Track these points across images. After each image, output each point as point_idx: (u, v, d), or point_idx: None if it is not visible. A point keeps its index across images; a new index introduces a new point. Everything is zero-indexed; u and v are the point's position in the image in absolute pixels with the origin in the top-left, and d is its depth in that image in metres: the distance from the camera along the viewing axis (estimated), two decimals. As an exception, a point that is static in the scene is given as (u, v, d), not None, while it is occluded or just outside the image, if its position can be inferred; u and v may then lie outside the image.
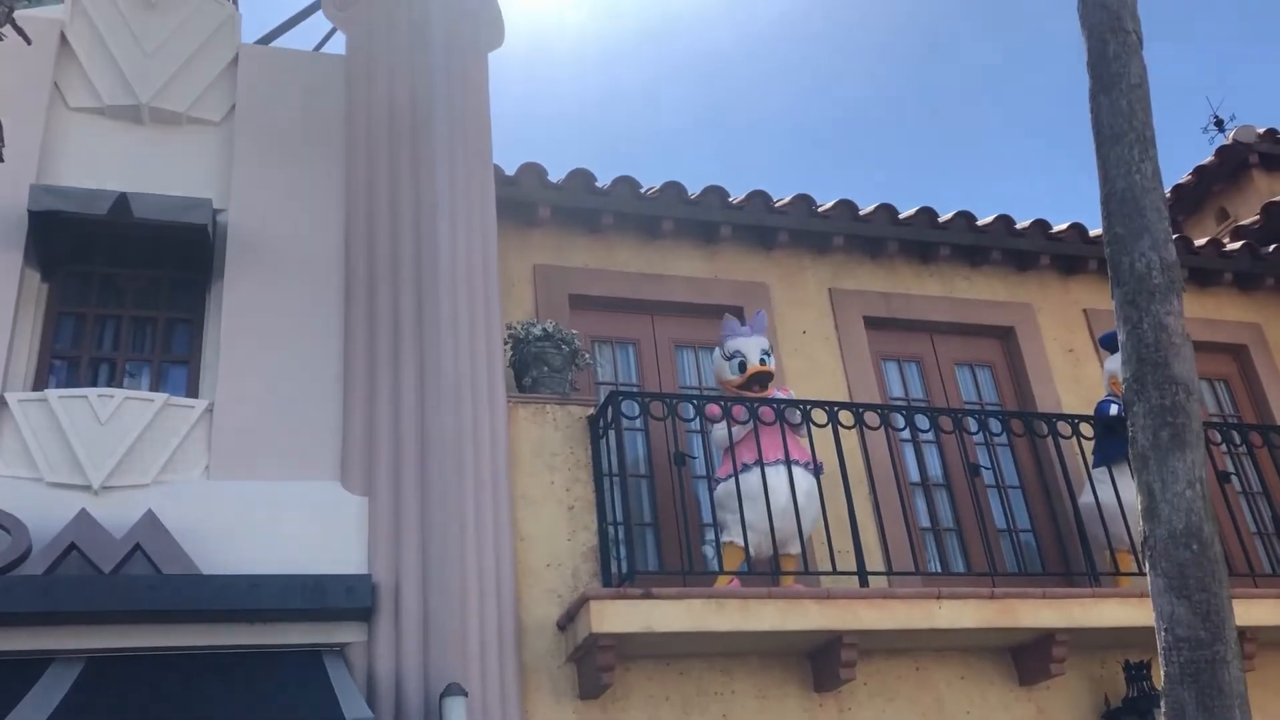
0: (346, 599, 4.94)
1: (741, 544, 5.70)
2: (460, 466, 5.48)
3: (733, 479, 5.82)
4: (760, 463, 5.79)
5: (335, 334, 5.74)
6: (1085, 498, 6.62)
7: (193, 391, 5.63)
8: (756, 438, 5.87)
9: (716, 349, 6.39)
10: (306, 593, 4.90)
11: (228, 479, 5.26)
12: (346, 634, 5.03)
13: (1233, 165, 9.76)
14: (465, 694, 4.68)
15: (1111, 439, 6.61)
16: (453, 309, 5.84)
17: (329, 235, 6.00)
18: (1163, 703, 3.69)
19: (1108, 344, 7.05)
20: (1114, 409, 6.65)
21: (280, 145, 6.19)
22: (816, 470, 5.96)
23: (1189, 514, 3.75)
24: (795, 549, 5.87)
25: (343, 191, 6.13)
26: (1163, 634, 3.72)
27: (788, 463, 5.85)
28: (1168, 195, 9.68)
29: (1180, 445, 3.83)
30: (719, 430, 6.00)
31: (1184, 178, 10.05)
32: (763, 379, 6.20)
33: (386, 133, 6.31)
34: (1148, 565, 3.83)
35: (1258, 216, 8.70)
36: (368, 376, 5.67)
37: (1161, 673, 3.72)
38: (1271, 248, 8.43)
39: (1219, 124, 11.05)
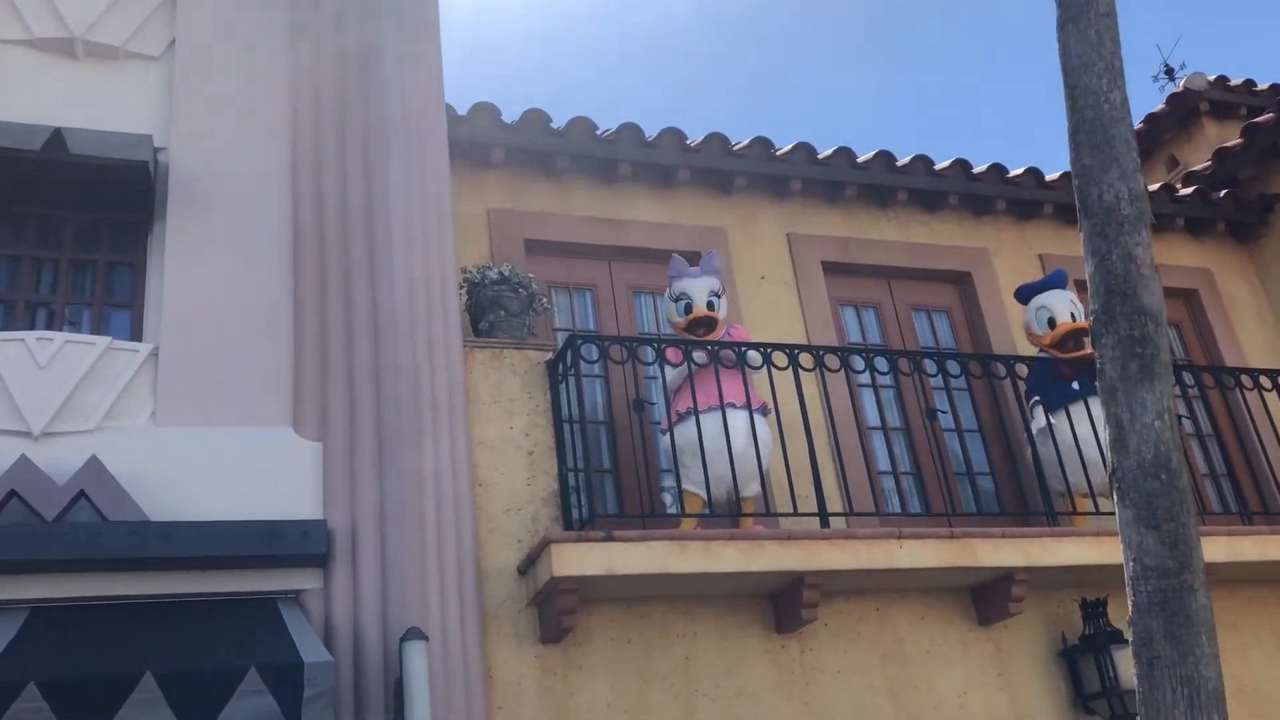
0: (301, 545, 4.81)
1: (700, 491, 5.66)
2: (417, 412, 5.36)
3: (684, 424, 5.75)
4: (722, 406, 5.72)
5: (284, 276, 5.56)
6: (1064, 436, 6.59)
7: (136, 336, 5.43)
8: (717, 380, 5.81)
9: (667, 289, 6.29)
10: (259, 539, 4.77)
11: (175, 425, 5.09)
12: (302, 581, 4.91)
13: (1183, 113, 9.83)
14: (425, 638, 4.60)
15: (1048, 384, 6.65)
16: (406, 252, 5.69)
17: (276, 176, 5.79)
18: (1130, 631, 3.70)
19: (1023, 296, 7.04)
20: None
21: (223, 81, 5.95)
22: (763, 411, 5.91)
23: (1158, 444, 3.74)
24: (755, 490, 5.84)
25: (290, 131, 5.92)
26: (1131, 563, 3.73)
27: (749, 408, 5.80)
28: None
29: (1149, 376, 3.82)
30: (669, 373, 5.92)
31: (1135, 125, 10.08)
32: (707, 323, 6.09)
33: (335, 70, 6.10)
34: (1115, 496, 3.83)
35: (1209, 162, 8.75)
36: (319, 320, 5.51)
37: (1129, 602, 3.73)
38: (1223, 193, 8.49)
39: (1169, 72, 11.08)
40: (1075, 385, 6.57)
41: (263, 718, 3.87)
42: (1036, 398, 6.69)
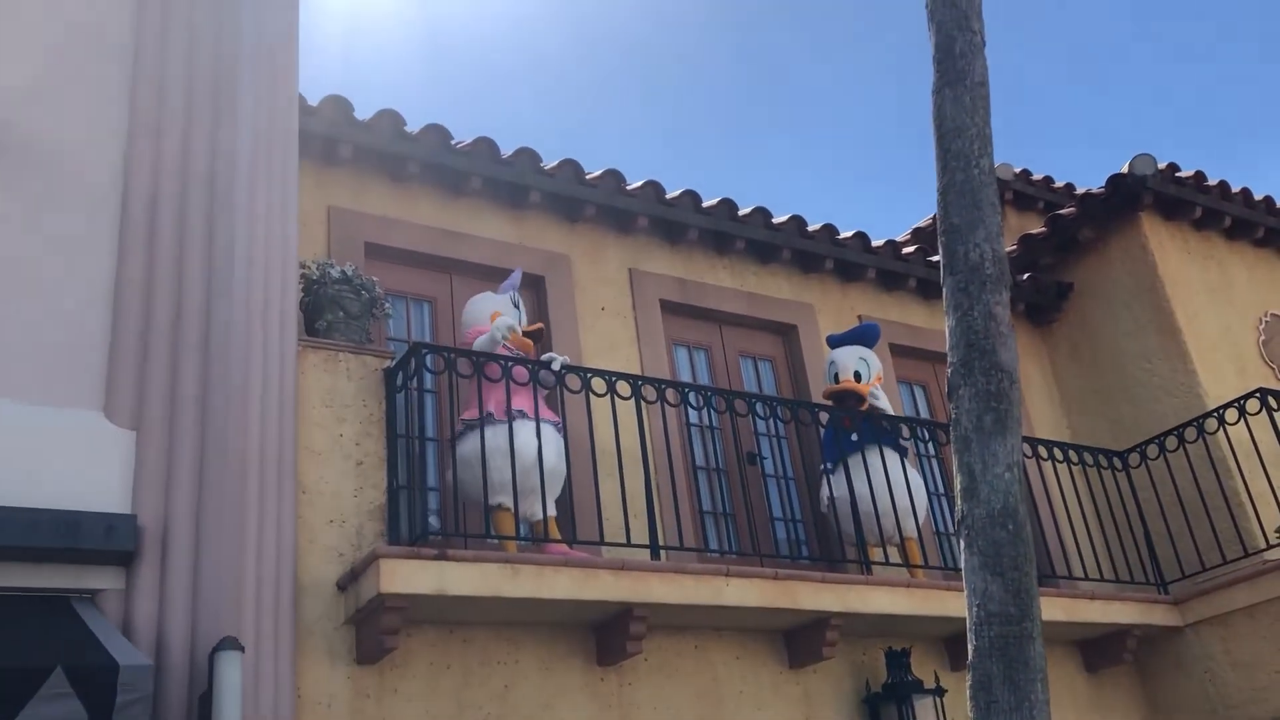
0: (105, 540, 4.39)
1: (511, 506, 5.48)
2: (243, 410, 5.01)
3: (493, 428, 5.58)
4: (537, 418, 5.61)
5: (108, 247, 5.11)
6: (838, 491, 6.84)
7: (-71, 297, 4.86)
8: (535, 397, 5.70)
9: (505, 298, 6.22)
10: (59, 530, 4.31)
11: (-31, 397, 4.56)
12: (101, 579, 4.46)
13: (990, 200, 10.49)
14: (241, 649, 4.26)
15: (830, 440, 6.96)
16: (247, 236, 5.34)
17: (108, 139, 5.33)
18: (970, 675, 3.82)
19: (834, 343, 7.45)
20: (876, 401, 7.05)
21: (57, 34, 5.46)
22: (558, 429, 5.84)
23: (1007, 495, 3.91)
24: (550, 511, 5.71)
25: (128, 94, 5.48)
26: (975, 609, 3.85)
27: (562, 427, 5.75)
28: (908, 237, 10.34)
29: (1002, 430, 3.99)
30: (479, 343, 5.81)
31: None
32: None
33: (184, 36, 5.71)
34: (963, 543, 3.96)
35: (1015, 246, 9.36)
36: (143, 302, 5.08)
37: (970, 646, 3.85)
38: (1025, 276, 9.09)
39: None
40: (854, 437, 6.87)
41: (66, 724, 3.46)
42: (824, 464, 6.98)
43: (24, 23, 5.37)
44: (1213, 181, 9.01)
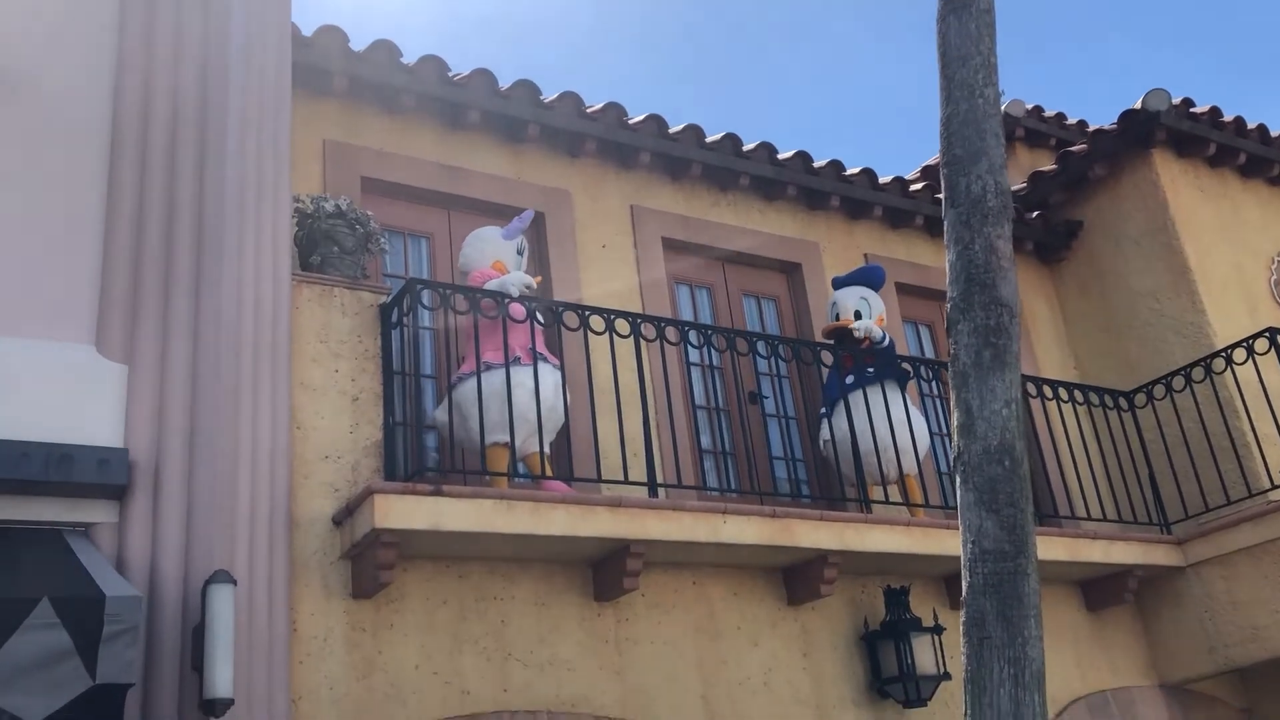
0: (98, 473, 4.36)
1: (506, 442, 5.45)
2: (236, 344, 4.96)
3: (491, 374, 5.53)
4: (535, 359, 5.56)
5: (98, 179, 5.03)
6: (838, 430, 6.80)
7: (-83, 228, 4.80)
8: (531, 336, 5.64)
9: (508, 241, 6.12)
10: (51, 463, 4.29)
11: (-42, 330, 4.53)
12: (95, 513, 4.45)
13: (1000, 138, 10.30)
14: (233, 582, 4.25)
15: (831, 383, 6.90)
16: (238, 171, 5.26)
17: (98, 68, 5.22)
18: (964, 611, 3.79)
19: (839, 284, 7.35)
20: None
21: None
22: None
23: (1004, 431, 3.85)
24: (543, 448, 5.68)
25: (117, 24, 5.37)
26: (969, 546, 3.82)
27: (560, 366, 5.70)
28: (917, 174, 10.18)
29: (1000, 365, 3.93)
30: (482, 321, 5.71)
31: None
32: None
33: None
34: (959, 479, 3.92)
35: (1025, 184, 9.22)
36: (134, 235, 5.01)
37: (964, 583, 3.82)
38: (1034, 214, 8.96)
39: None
40: (849, 379, 6.81)
41: (53, 654, 3.45)
42: (822, 410, 6.92)
43: (8, -52, 5.25)
44: (1228, 118, 8.83)
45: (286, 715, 4.58)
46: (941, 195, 4.30)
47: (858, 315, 7.10)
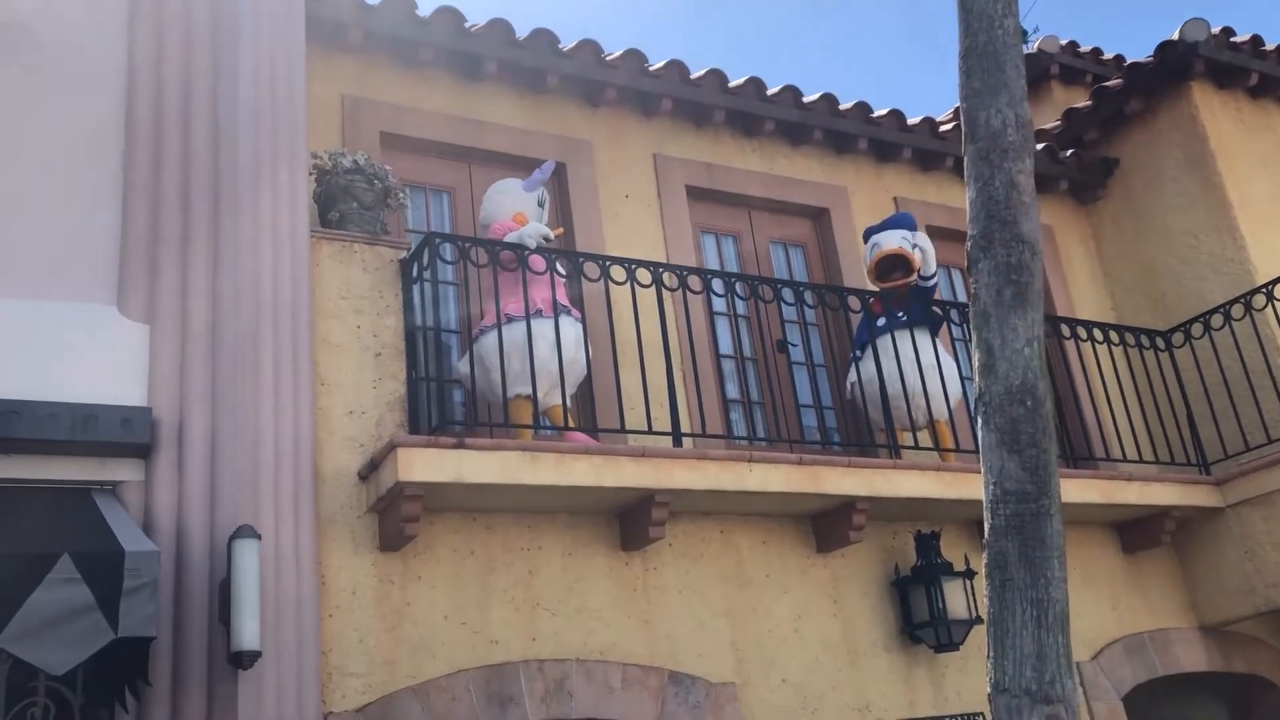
0: (122, 432, 4.41)
1: (528, 395, 5.45)
2: (256, 301, 4.98)
3: (512, 326, 5.51)
4: (555, 312, 5.53)
5: (114, 140, 5.05)
6: (866, 375, 6.71)
7: (-62, 194, 4.85)
8: (553, 288, 5.60)
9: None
10: (76, 424, 4.34)
11: (-18, 293, 4.57)
12: (121, 471, 4.51)
13: (1034, 74, 10.04)
14: (258, 537, 4.29)
15: (862, 327, 6.80)
16: (253, 127, 5.25)
17: (110, 29, 5.24)
18: (985, 553, 3.75)
19: (866, 236, 7.22)
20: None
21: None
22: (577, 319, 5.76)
23: (1026, 371, 3.78)
24: (565, 400, 5.66)
25: (128, -16, 5.36)
26: (991, 487, 3.77)
27: (582, 319, 5.68)
28: (948, 116, 9.95)
29: (1022, 304, 3.85)
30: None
31: (990, 82, 10.30)
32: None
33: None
34: (980, 420, 3.86)
35: (1058, 122, 9.01)
36: (151, 194, 5.03)
37: (986, 525, 3.78)
38: (1068, 152, 8.76)
39: (1023, 34, 11.40)
40: (880, 321, 6.71)
41: (75, 608, 3.51)
42: (854, 351, 6.82)
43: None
44: (1270, 46, 8.55)
45: (316, 666, 4.64)
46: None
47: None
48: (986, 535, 3.75)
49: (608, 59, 7.07)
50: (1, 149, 4.82)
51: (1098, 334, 7.31)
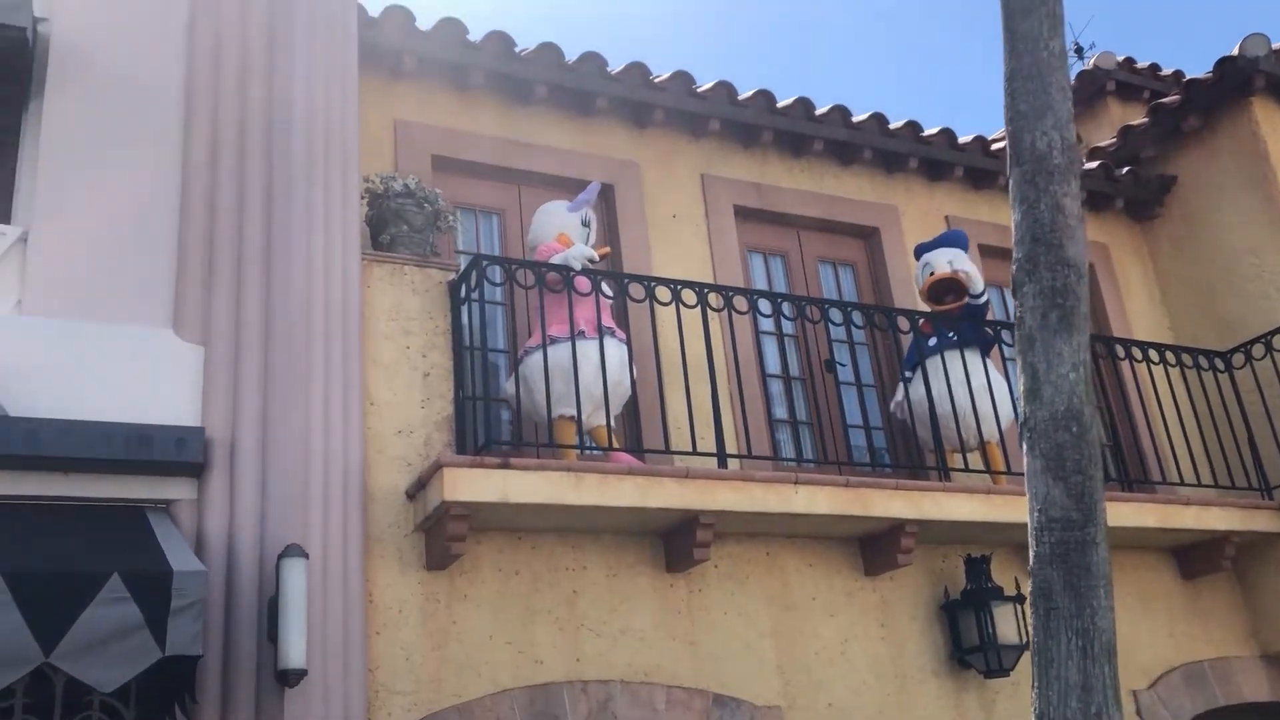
0: (176, 452, 4.52)
1: (572, 415, 5.47)
2: (308, 323, 5.08)
3: (557, 347, 5.54)
4: (600, 334, 5.55)
5: (172, 168, 5.19)
6: (916, 396, 6.66)
7: (4, 218, 5.01)
8: (598, 309, 5.63)
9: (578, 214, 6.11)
10: (131, 443, 4.45)
11: (44, 315, 4.71)
12: (174, 490, 4.62)
13: (1090, 91, 9.94)
14: (305, 556, 4.37)
15: (913, 347, 6.74)
16: (307, 153, 5.37)
17: (170, 62, 5.38)
18: (1030, 581, 3.70)
19: (917, 253, 7.17)
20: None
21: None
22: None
23: (1071, 396, 3.73)
24: (610, 421, 5.68)
25: (187, 14, 5.50)
26: (1036, 514, 3.72)
27: (627, 341, 5.71)
28: (1000, 134, 9.86)
29: (1068, 328, 3.80)
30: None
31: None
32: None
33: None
34: (1025, 445, 3.81)
35: (1114, 139, 8.89)
36: (208, 219, 5.16)
37: (1031, 552, 3.73)
38: (1124, 170, 8.64)
39: (1078, 51, 11.28)
40: (931, 342, 6.65)
41: (124, 627, 3.60)
42: (904, 372, 6.76)
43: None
44: (1333, 61, 8.36)
45: (363, 685, 4.70)
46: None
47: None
48: (1031, 563, 3.71)
49: (655, 81, 7.11)
50: (62, 175, 4.97)
51: (1154, 355, 7.19)
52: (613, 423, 5.67)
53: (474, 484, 4.94)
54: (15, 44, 4.99)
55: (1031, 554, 3.71)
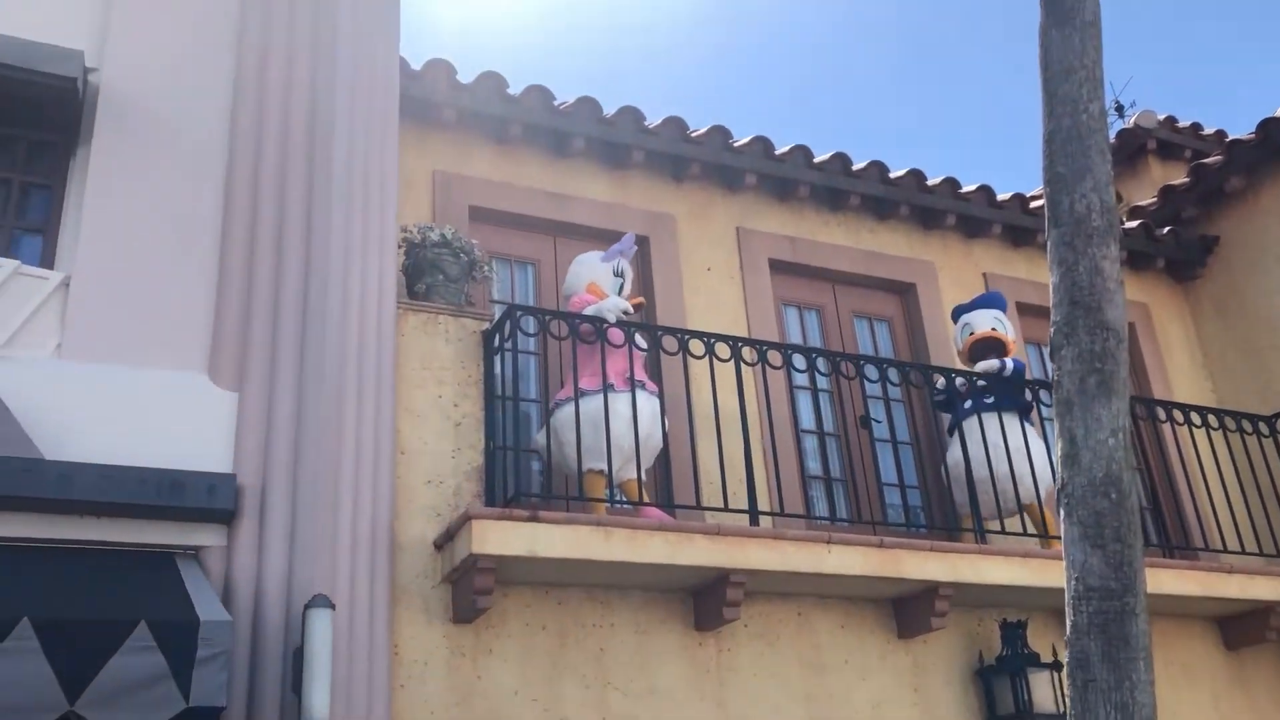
0: (208, 499, 4.53)
1: (602, 469, 5.44)
2: (341, 371, 5.10)
3: (588, 400, 5.52)
4: (632, 386, 5.53)
5: (213, 217, 5.26)
6: (953, 455, 6.61)
7: (48, 263, 5.08)
8: (630, 362, 5.62)
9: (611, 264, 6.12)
10: (163, 489, 4.47)
11: (83, 360, 4.76)
12: (204, 537, 4.62)
13: (1130, 150, 9.89)
14: (332, 607, 4.34)
15: (954, 407, 6.67)
16: (346, 203, 5.42)
17: (214, 111, 5.48)
18: (1067, 652, 3.61)
19: (955, 315, 7.12)
20: (1001, 365, 6.66)
21: (165, 6, 5.62)
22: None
23: (1110, 462, 3.65)
24: (640, 475, 5.64)
25: (233, 65, 5.61)
26: (1073, 583, 3.63)
27: (659, 393, 5.69)
28: (1038, 191, 9.79)
29: (1107, 392, 3.73)
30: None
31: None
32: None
33: (286, 9, 5.80)
34: (1063, 513, 3.73)
35: (1155, 199, 8.82)
36: (246, 266, 5.22)
37: (1068, 622, 3.64)
38: (1165, 230, 8.56)
39: (1119, 109, 11.25)
40: (967, 404, 6.59)
41: (150, 676, 3.58)
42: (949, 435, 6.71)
43: (132, 5, 5.52)
44: (1379, 123, 8.26)
45: (385, 738, 4.64)
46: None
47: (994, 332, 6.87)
48: (1068, 633, 3.61)
49: (692, 135, 7.15)
50: (105, 222, 5.05)
51: (1196, 418, 7.07)
52: (643, 476, 5.63)
53: (502, 536, 4.91)
54: (65, 94, 5.09)
55: (1069, 624, 3.62)
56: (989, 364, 6.64)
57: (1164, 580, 6.30)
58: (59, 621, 3.62)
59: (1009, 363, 6.64)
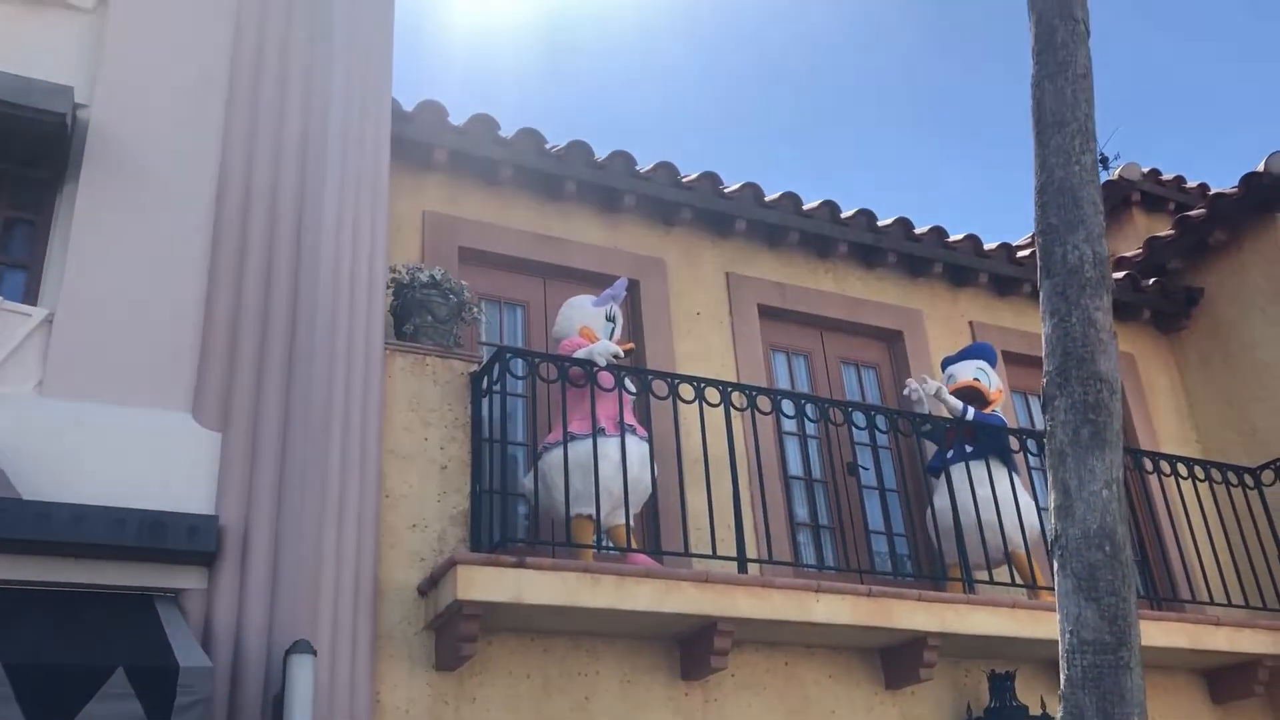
0: (188, 541, 4.45)
1: (590, 514, 5.39)
2: (327, 412, 5.05)
3: (577, 444, 5.48)
4: (622, 431, 5.50)
5: (200, 255, 5.21)
6: (940, 501, 6.59)
7: (30, 299, 5.02)
8: (620, 406, 5.59)
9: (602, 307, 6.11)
10: (144, 530, 4.39)
11: (63, 398, 4.69)
12: (184, 579, 4.53)
13: (1114, 202, 9.97)
14: (313, 653, 4.26)
15: (948, 448, 6.67)
16: (334, 242, 5.40)
17: (203, 149, 5.45)
18: (1061, 706, 3.56)
19: (943, 366, 7.17)
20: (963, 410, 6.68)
21: (158, 45, 5.61)
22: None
23: (1104, 514, 3.63)
24: (629, 520, 5.60)
25: (223, 102, 5.60)
26: (1067, 636, 3.59)
27: (649, 437, 5.66)
28: (1026, 240, 9.87)
29: (1100, 444, 3.72)
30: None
31: (1070, 208, 10.21)
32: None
33: (278, 50, 5.80)
34: (1056, 565, 3.70)
35: (1140, 250, 8.88)
36: (232, 304, 5.17)
37: (1062, 675, 3.59)
38: (1151, 281, 8.61)
39: (1104, 161, 11.34)
40: (950, 453, 6.59)
41: (126, 724, 3.50)
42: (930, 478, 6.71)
43: (124, 44, 5.51)
44: (1360, 179, 8.36)
45: (365, 788, 4.54)
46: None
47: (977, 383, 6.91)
48: (1063, 686, 3.57)
49: (683, 180, 7.16)
50: (91, 259, 5.00)
51: (1182, 469, 7.07)
52: (632, 522, 5.58)
53: (488, 583, 4.84)
54: (54, 130, 5.06)
55: (1063, 677, 3.58)
56: (954, 404, 6.66)
57: (1151, 632, 6.25)
58: (34, 666, 3.53)
59: (969, 410, 6.64)
